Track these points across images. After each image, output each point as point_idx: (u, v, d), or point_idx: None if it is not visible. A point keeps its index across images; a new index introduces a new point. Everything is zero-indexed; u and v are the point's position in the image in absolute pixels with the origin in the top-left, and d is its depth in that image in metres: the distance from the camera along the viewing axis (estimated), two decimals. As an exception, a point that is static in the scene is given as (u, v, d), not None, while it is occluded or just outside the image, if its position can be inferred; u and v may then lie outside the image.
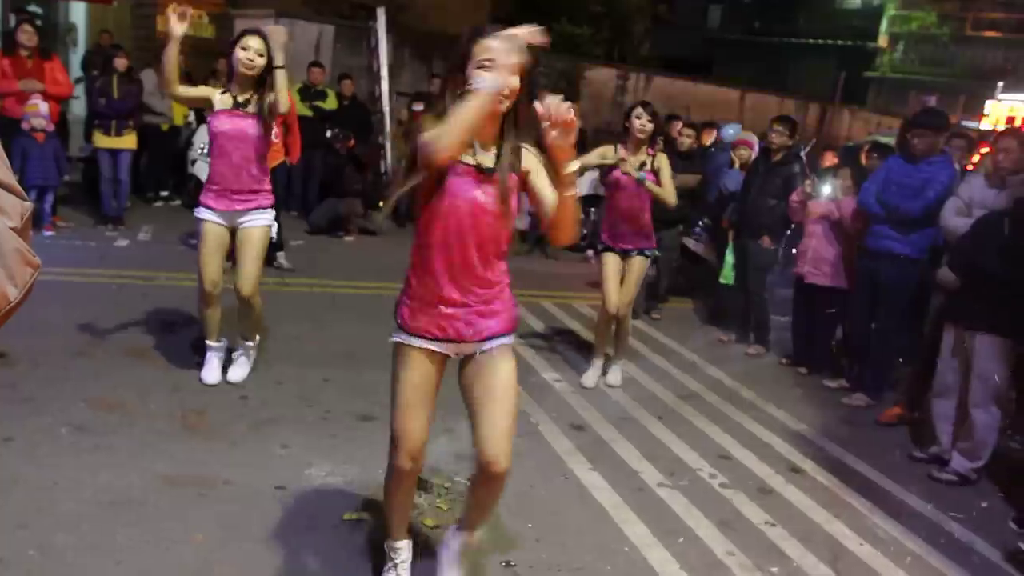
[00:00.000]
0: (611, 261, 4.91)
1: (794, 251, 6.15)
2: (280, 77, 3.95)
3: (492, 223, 2.33)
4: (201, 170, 8.69)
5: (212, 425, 3.77)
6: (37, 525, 2.82)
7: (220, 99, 4.02)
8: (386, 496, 2.63)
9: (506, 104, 2.25)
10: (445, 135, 2.12)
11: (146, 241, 7.30)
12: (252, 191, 4.08)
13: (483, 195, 2.30)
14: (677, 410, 4.76)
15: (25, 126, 6.78)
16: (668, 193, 4.89)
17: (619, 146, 4.90)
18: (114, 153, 7.51)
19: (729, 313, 6.70)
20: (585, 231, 8.50)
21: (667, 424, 4.51)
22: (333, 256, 7.68)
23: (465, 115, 2.13)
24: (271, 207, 4.18)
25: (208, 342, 4.26)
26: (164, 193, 9.04)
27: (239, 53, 3.95)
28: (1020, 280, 3.93)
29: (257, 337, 4.39)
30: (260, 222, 4.12)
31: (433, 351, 2.44)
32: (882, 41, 25.78)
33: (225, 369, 4.30)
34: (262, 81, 4.01)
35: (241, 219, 4.09)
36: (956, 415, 4.31)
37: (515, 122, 2.33)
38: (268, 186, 4.17)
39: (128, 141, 7.58)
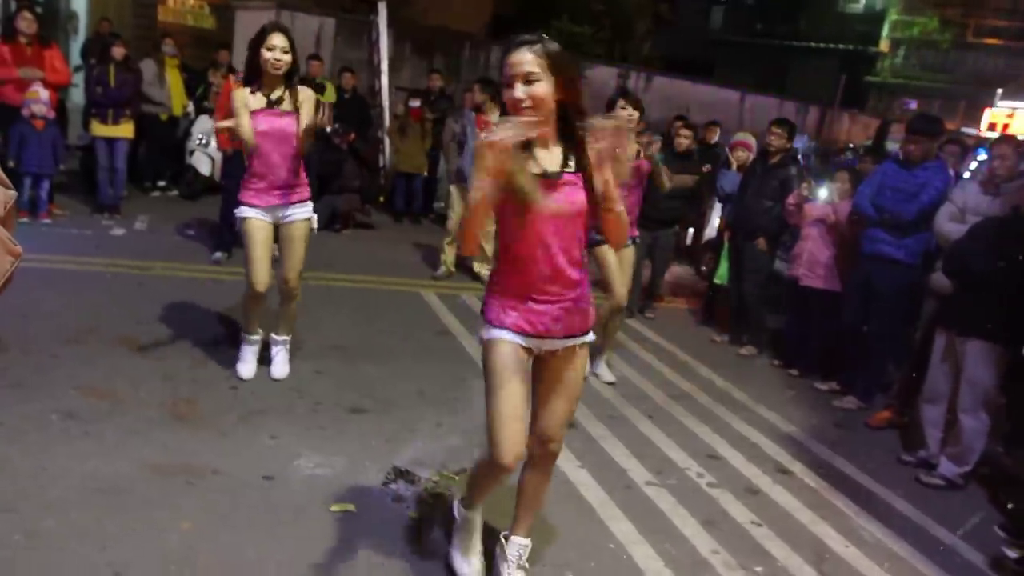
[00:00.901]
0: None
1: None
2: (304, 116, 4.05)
3: (570, 226, 2.40)
4: (199, 161, 8.71)
5: (202, 415, 3.78)
6: (24, 510, 2.83)
7: (253, 99, 4.00)
8: (476, 481, 2.72)
9: (537, 113, 2.26)
10: (462, 240, 2.32)
11: (142, 231, 7.29)
12: (292, 185, 4.13)
13: (555, 202, 2.35)
14: (668, 409, 4.78)
15: (25, 112, 6.76)
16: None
17: None
18: (111, 142, 7.50)
19: (723, 314, 6.72)
20: None
21: (657, 423, 4.53)
22: (329, 250, 7.67)
23: (471, 222, 2.32)
24: (310, 199, 4.24)
25: (247, 335, 4.31)
26: (162, 183, 9.03)
27: (265, 54, 3.92)
28: (1011, 287, 3.95)
29: (291, 334, 4.43)
30: (302, 215, 4.18)
31: (521, 346, 2.47)
32: (883, 46, 25.82)
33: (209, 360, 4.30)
34: (290, 77, 4.03)
35: (283, 213, 4.13)
36: (945, 420, 4.33)
37: (568, 121, 2.35)
38: (305, 180, 4.23)
39: (125, 130, 7.56)
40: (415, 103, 9.36)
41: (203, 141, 8.60)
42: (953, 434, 4.26)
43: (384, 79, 10.10)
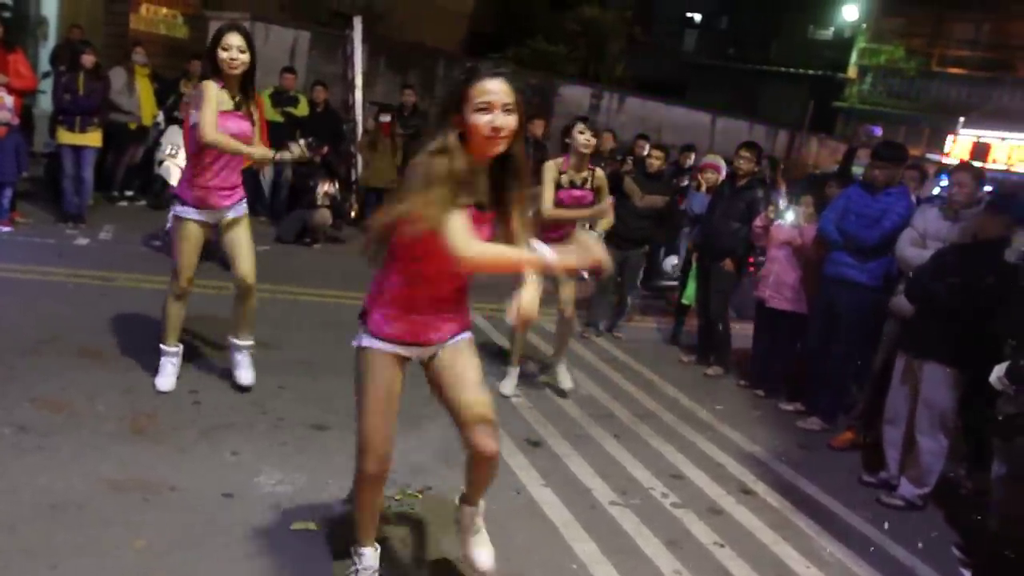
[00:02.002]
0: None
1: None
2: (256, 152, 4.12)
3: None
4: (168, 171, 8.59)
5: (162, 429, 3.71)
6: (-28, 527, 2.75)
7: (223, 98, 3.94)
8: (357, 503, 2.69)
9: (503, 145, 2.30)
10: (480, 257, 2.26)
11: (107, 240, 7.18)
12: (234, 186, 4.12)
13: (478, 234, 2.35)
14: (633, 428, 4.79)
15: (-13, 118, 6.65)
16: (606, 210, 5.05)
17: (561, 160, 4.94)
18: (77, 150, 7.40)
19: (690, 334, 6.77)
20: None
21: (622, 442, 4.53)
22: (298, 263, 7.63)
23: (504, 261, 2.32)
24: (244, 199, 4.24)
25: (165, 346, 4.19)
26: (129, 193, 8.91)
27: (221, 54, 3.87)
28: (969, 312, 4.03)
29: (253, 337, 4.36)
30: (242, 211, 4.18)
31: (401, 355, 2.51)
32: (851, 73, 26.35)
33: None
34: (246, 80, 3.99)
35: (225, 214, 4.11)
36: (904, 442, 4.39)
37: (511, 165, 2.38)
38: (240, 179, 4.21)
39: (92, 138, 7.47)
40: (385, 118, 9.36)
41: (173, 152, 8.50)
42: (912, 456, 4.32)
43: (358, 94, 10.08)
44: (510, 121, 2.28)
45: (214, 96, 3.85)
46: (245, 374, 4.29)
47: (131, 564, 2.70)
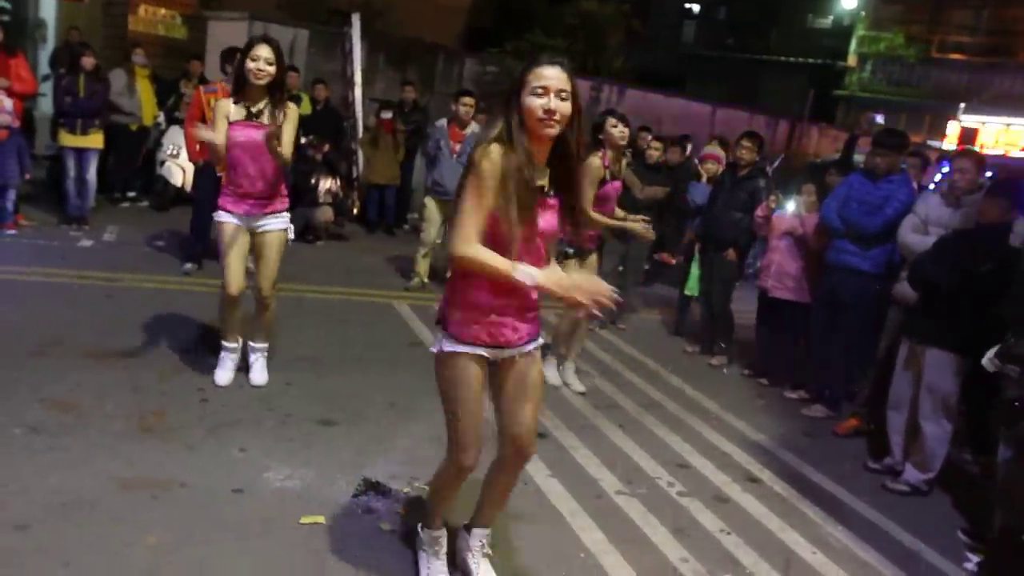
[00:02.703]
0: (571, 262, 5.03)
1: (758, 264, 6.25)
2: (287, 134, 4.05)
3: (543, 246, 2.48)
4: (170, 171, 8.62)
5: (170, 427, 3.74)
6: (-15, 526, 2.78)
7: (235, 110, 4.03)
8: (438, 490, 2.78)
9: (556, 129, 2.35)
10: (470, 258, 2.32)
11: (111, 242, 7.21)
12: (268, 196, 4.15)
13: (541, 221, 2.41)
14: (639, 419, 4.81)
15: (-12, 122, 6.67)
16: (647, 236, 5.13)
17: (600, 155, 4.94)
18: (79, 152, 7.42)
19: (693, 324, 6.79)
20: None
21: (628, 433, 4.55)
22: (302, 261, 7.63)
23: (492, 271, 2.32)
24: (287, 210, 4.28)
25: (225, 343, 4.33)
26: (131, 194, 8.94)
27: (249, 64, 3.95)
28: (971, 298, 4.04)
29: (268, 341, 4.47)
30: (277, 226, 4.22)
31: (482, 356, 2.54)
32: (851, 61, 26.27)
33: (180, 372, 4.27)
34: (273, 89, 4.04)
35: (258, 223, 4.16)
36: (908, 427, 4.41)
37: (566, 151, 2.43)
38: (284, 191, 4.26)
39: (94, 140, 7.49)
40: (387, 115, 9.37)
41: (174, 152, 8.53)
42: (917, 442, 4.33)
43: (357, 91, 10.09)
44: (564, 106, 2.34)
45: (222, 114, 4.04)
46: (255, 375, 4.39)
47: (143, 561, 2.73)
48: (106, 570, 2.65)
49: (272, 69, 3.98)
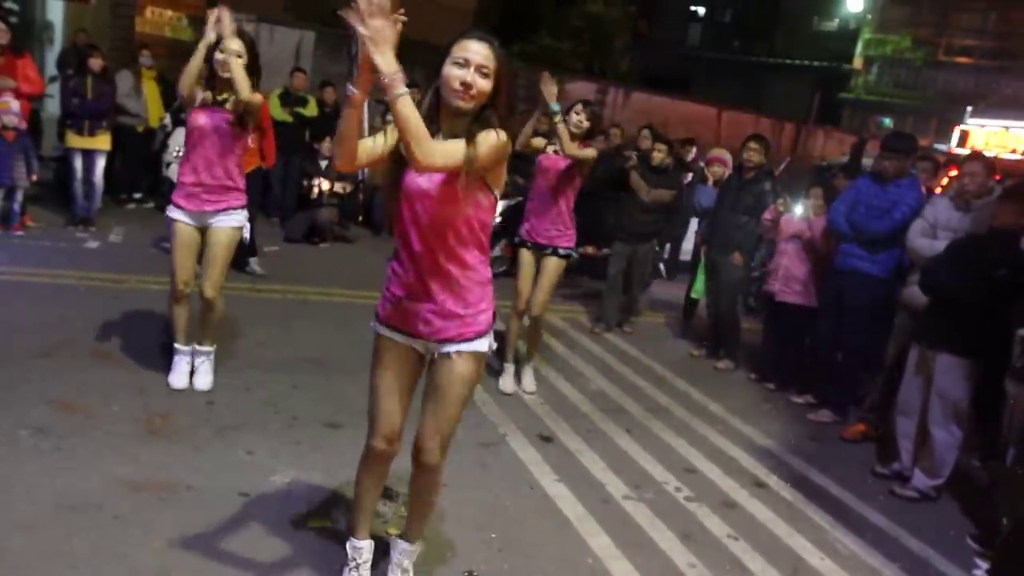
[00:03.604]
0: (527, 257, 4.96)
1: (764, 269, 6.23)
2: (234, 65, 3.89)
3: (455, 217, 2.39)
4: (176, 173, 8.63)
5: (177, 429, 3.73)
6: (-8, 528, 2.77)
7: (201, 96, 4.03)
8: (355, 486, 2.70)
9: (470, 104, 2.30)
10: (436, 152, 2.21)
11: (117, 243, 7.22)
12: (224, 188, 4.07)
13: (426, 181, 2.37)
14: (645, 423, 4.79)
15: (-4, 123, 6.68)
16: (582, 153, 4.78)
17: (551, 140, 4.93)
18: (87, 153, 7.44)
19: (700, 328, 6.77)
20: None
21: (635, 437, 4.54)
22: (307, 263, 7.65)
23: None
24: (242, 208, 4.17)
25: (176, 345, 4.24)
26: (137, 195, 8.95)
27: (217, 55, 3.96)
28: (983, 303, 4.02)
29: (214, 345, 4.33)
30: (230, 223, 4.12)
31: (404, 344, 2.52)
32: (857, 64, 26.22)
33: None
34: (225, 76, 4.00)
35: (212, 219, 4.09)
36: (917, 433, 4.38)
37: (482, 123, 2.32)
38: (241, 186, 4.16)
39: (101, 142, 7.50)
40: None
41: (180, 153, 8.51)
42: (926, 447, 4.31)
43: (363, 93, 10.09)
44: (481, 83, 2.29)
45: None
46: (200, 379, 4.22)
47: (150, 564, 2.72)
48: (113, 573, 2.65)
49: (240, 61, 3.94)
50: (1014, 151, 17.78)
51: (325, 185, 8.58)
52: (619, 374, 5.72)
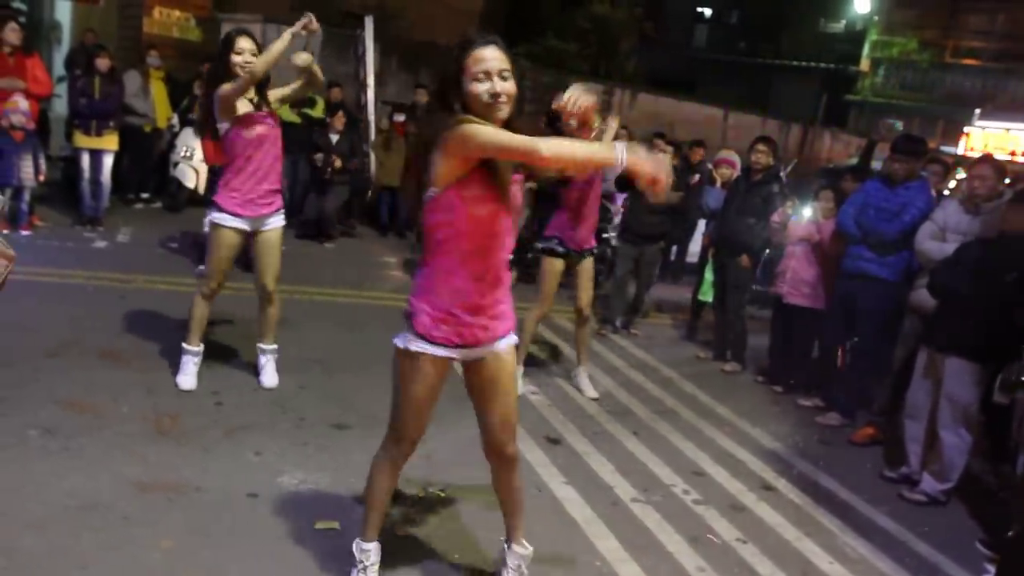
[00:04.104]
0: (559, 266, 4.99)
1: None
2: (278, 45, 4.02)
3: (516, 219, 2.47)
4: (183, 173, 8.64)
5: (185, 430, 3.73)
6: (2, 528, 2.78)
7: (242, 104, 4.02)
8: (369, 489, 2.69)
9: (505, 110, 2.31)
10: (558, 147, 2.24)
11: (125, 243, 7.23)
12: (274, 191, 4.19)
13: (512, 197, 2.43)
14: (653, 426, 4.78)
15: (3, 123, 6.70)
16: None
17: None
18: (94, 153, 7.45)
19: (707, 330, 6.75)
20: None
21: (642, 440, 4.52)
22: (314, 263, 7.65)
23: (582, 151, 2.28)
24: (283, 208, 4.31)
25: (188, 345, 4.24)
26: (145, 195, 8.97)
27: (234, 58, 3.95)
28: (993, 307, 4.00)
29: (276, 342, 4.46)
30: (279, 224, 4.27)
31: (449, 358, 2.51)
32: (864, 65, 26.13)
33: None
34: (261, 81, 4.03)
35: (264, 223, 4.19)
36: (926, 437, 4.37)
37: (512, 129, 2.34)
38: (279, 187, 4.28)
39: (109, 142, 7.52)
40: (399, 117, 9.37)
41: (187, 153, 8.54)
42: (935, 451, 4.29)
43: (370, 93, 10.10)
44: (508, 86, 2.30)
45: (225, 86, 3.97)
46: (267, 378, 4.38)
47: (159, 564, 2.72)
48: (122, 572, 2.65)
49: (255, 59, 3.97)
50: (1012, 153, 17.73)
51: (338, 163, 8.57)
52: (626, 376, 5.71)
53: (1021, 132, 19.54)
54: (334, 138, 8.60)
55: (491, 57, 2.28)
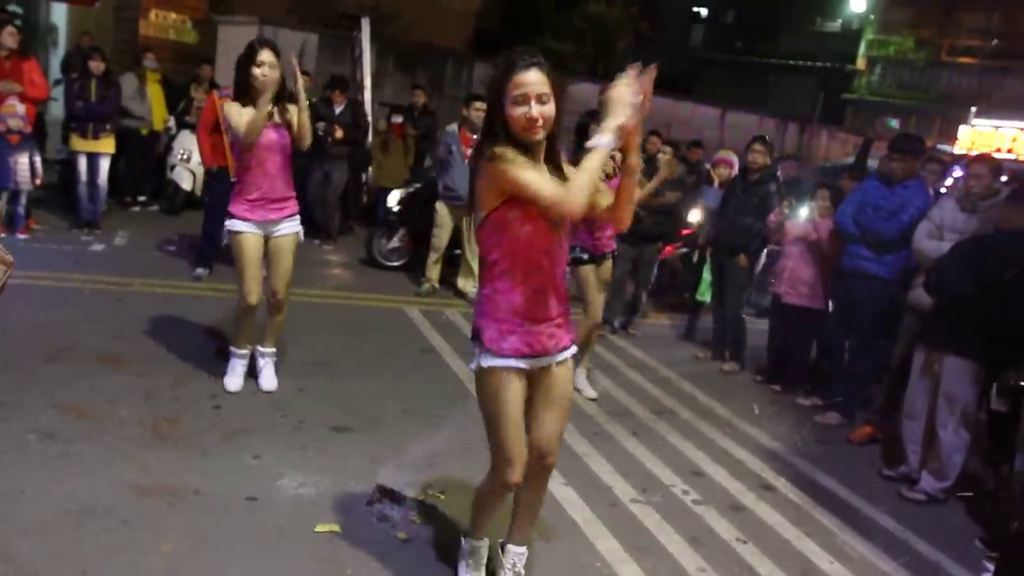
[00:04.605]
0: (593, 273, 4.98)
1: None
2: (304, 113, 4.13)
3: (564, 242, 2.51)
4: (181, 176, 8.64)
5: (184, 433, 3.73)
6: (1, 533, 2.77)
7: (247, 112, 4.03)
8: (482, 503, 2.76)
9: (542, 134, 2.34)
10: (579, 192, 2.24)
11: (122, 246, 7.22)
12: (285, 198, 4.20)
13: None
14: (652, 426, 4.78)
15: (1, 127, 6.69)
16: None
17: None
18: (91, 157, 7.44)
19: (705, 330, 6.76)
20: None
21: (641, 440, 4.53)
22: (313, 265, 7.64)
23: (593, 174, 2.26)
24: (298, 214, 4.31)
25: (237, 349, 4.34)
26: (142, 198, 8.96)
27: (255, 70, 3.99)
28: (990, 305, 4.00)
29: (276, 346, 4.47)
30: (292, 229, 4.27)
31: (522, 368, 2.51)
32: (860, 64, 26.18)
33: (192, 378, 4.27)
34: (278, 92, 4.06)
35: (275, 228, 4.19)
36: (925, 435, 4.37)
37: (552, 147, 2.41)
38: (294, 193, 4.30)
39: (105, 145, 7.51)
40: (397, 119, 9.37)
41: (184, 156, 8.54)
42: (933, 449, 4.30)
43: (367, 95, 10.10)
44: (546, 110, 2.32)
45: (235, 108, 4.03)
46: (266, 381, 4.39)
47: (159, 568, 2.72)
48: (122, 578, 2.65)
49: (276, 74, 4.02)
50: (998, 150, 17.79)
51: (339, 133, 8.56)
52: (624, 376, 5.71)
53: (1010, 130, 19.63)
54: (338, 110, 8.60)
55: (531, 81, 2.29)
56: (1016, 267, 3.94)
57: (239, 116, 4.00)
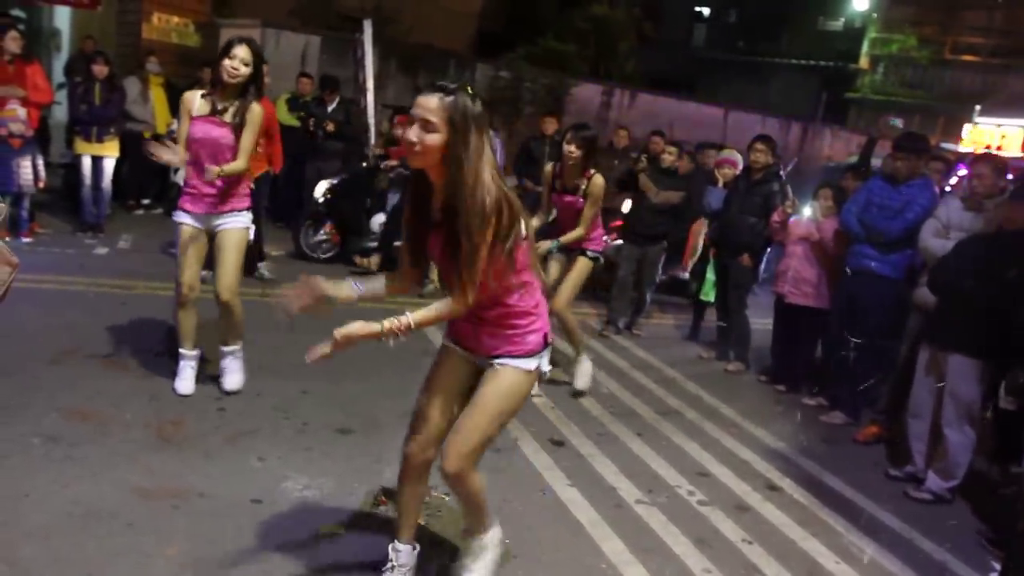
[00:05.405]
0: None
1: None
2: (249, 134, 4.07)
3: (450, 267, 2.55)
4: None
5: (188, 436, 3.73)
6: (5, 537, 2.77)
7: (200, 104, 4.05)
8: (397, 491, 2.77)
9: (417, 160, 2.33)
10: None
11: (126, 249, 7.23)
12: (227, 194, 4.11)
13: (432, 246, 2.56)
14: (656, 427, 4.77)
15: (2, 132, 6.69)
16: (583, 221, 4.93)
17: (557, 165, 5.05)
18: (95, 160, 7.46)
19: (709, 330, 6.74)
20: None
21: (646, 441, 4.51)
22: (315, 267, 7.64)
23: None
24: (247, 210, 4.20)
25: (182, 350, 4.23)
26: (145, 201, 8.97)
27: (225, 61, 3.97)
28: (995, 304, 3.98)
29: (240, 342, 4.34)
30: (237, 224, 4.15)
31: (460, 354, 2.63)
32: (863, 63, 26.12)
33: (196, 380, 4.27)
34: (244, 90, 4.04)
35: (217, 222, 4.12)
36: (930, 435, 4.35)
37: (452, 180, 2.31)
38: (245, 190, 4.20)
39: (109, 148, 7.52)
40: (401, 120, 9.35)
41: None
42: (939, 449, 4.28)
43: (370, 97, 10.09)
44: (424, 138, 2.23)
45: (187, 109, 4.06)
46: (227, 381, 4.27)
47: (164, 571, 2.71)
48: (126, 581, 2.64)
49: (246, 70, 3.97)
50: (987, 147, 17.75)
51: (330, 126, 8.59)
52: (629, 377, 5.70)
53: (1013, 128, 19.55)
54: (330, 108, 8.67)
55: (420, 104, 2.24)
56: (1020, 265, 3.92)
57: (182, 120, 4.07)
